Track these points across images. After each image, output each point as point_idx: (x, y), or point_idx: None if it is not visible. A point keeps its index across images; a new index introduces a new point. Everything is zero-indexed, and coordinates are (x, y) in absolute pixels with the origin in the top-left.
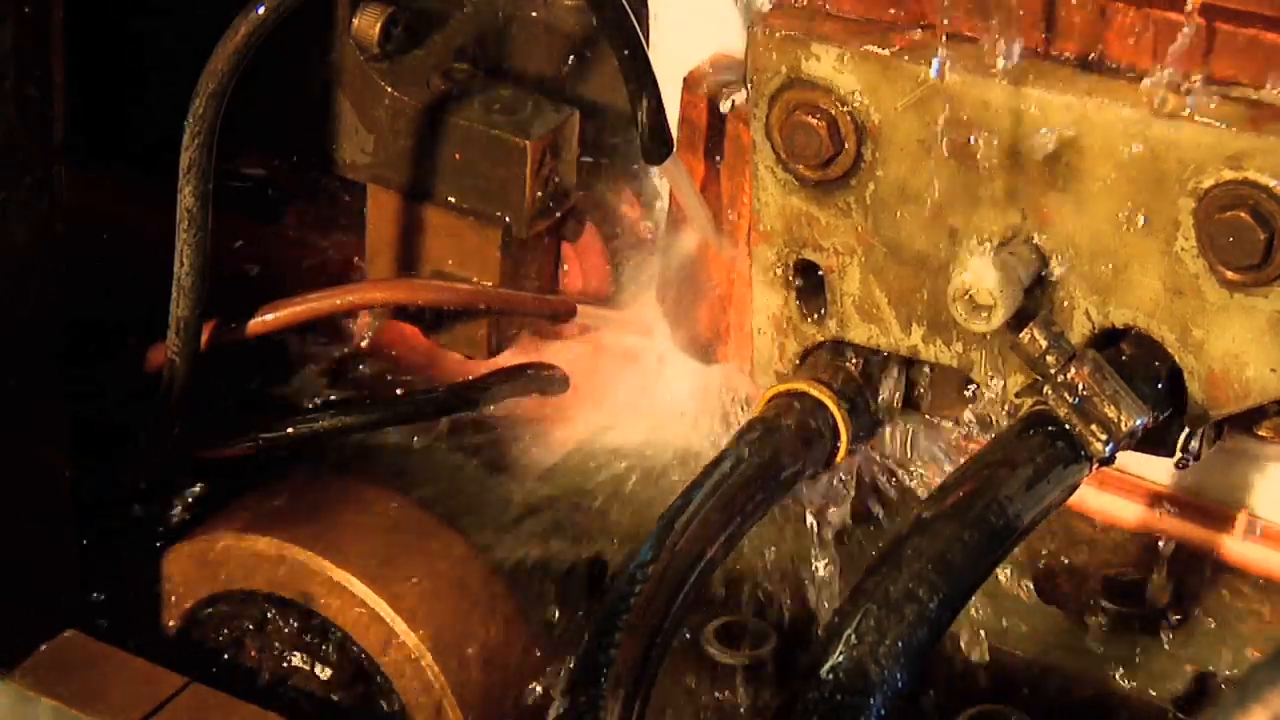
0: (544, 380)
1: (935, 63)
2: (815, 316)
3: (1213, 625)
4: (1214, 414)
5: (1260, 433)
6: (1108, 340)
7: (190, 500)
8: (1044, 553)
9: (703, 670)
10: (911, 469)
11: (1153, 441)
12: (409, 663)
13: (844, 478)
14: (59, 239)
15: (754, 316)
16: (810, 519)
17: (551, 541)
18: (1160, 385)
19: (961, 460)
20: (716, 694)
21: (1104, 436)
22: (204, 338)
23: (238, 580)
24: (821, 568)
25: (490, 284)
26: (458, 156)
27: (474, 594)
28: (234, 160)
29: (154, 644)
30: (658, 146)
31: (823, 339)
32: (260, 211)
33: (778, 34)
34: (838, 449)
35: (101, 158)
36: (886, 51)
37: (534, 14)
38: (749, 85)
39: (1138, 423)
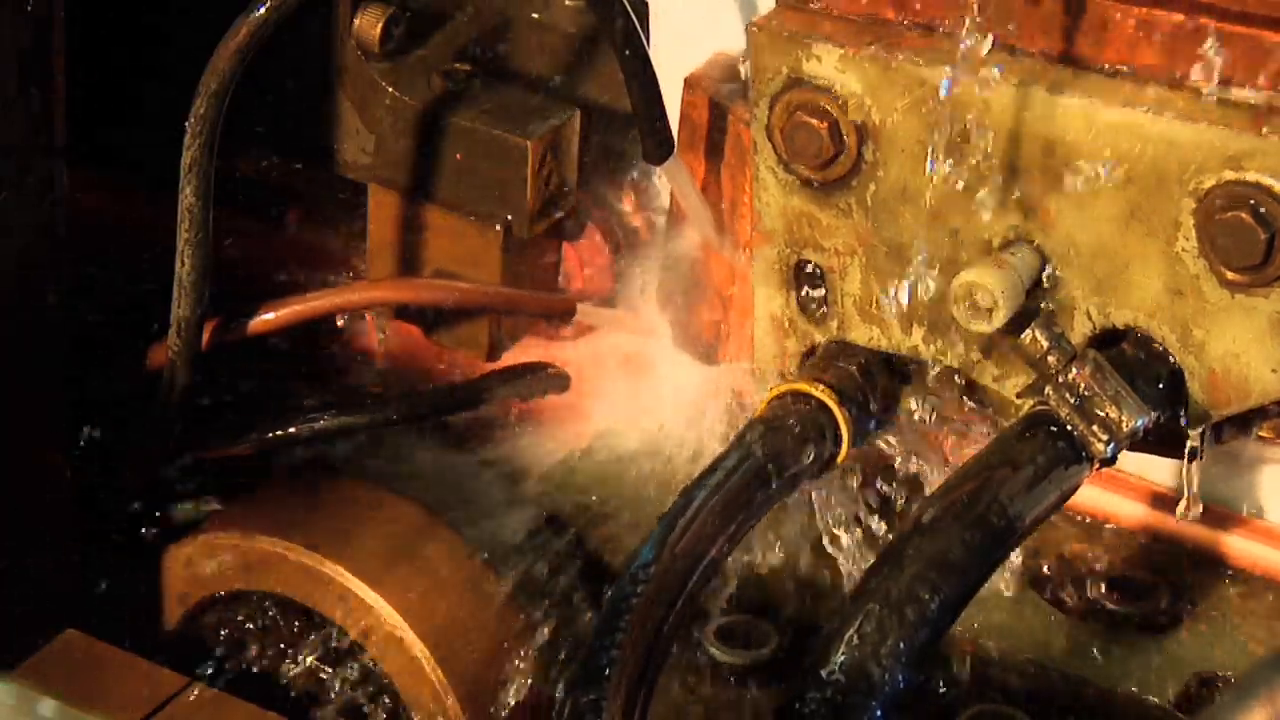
0: (544, 380)
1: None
2: (816, 317)
3: (1213, 625)
4: (1215, 414)
5: (1261, 433)
6: (1108, 341)
7: (190, 500)
8: (1044, 552)
9: (703, 670)
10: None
11: (1153, 443)
12: (409, 662)
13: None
14: (60, 239)
15: (755, 317)
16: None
17: (551, 540)
18: (1161, 386)
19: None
20: (717, 694)
21: (1105, 437)
22: (204, 338)
23: (238, 580)
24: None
25: (491, 284)
26: (458, 156)
27: (474, 593)
28: (235, 160)
29: (154, 644)
30: (658, 146)
31: (824, 339)
32: (261, 211)
33: (779, 34)
34: (839, 449)
35: (103, 157)
36: (888, 52)
37: (534, 14)
38: (750, 86)
39: (1139, 423)
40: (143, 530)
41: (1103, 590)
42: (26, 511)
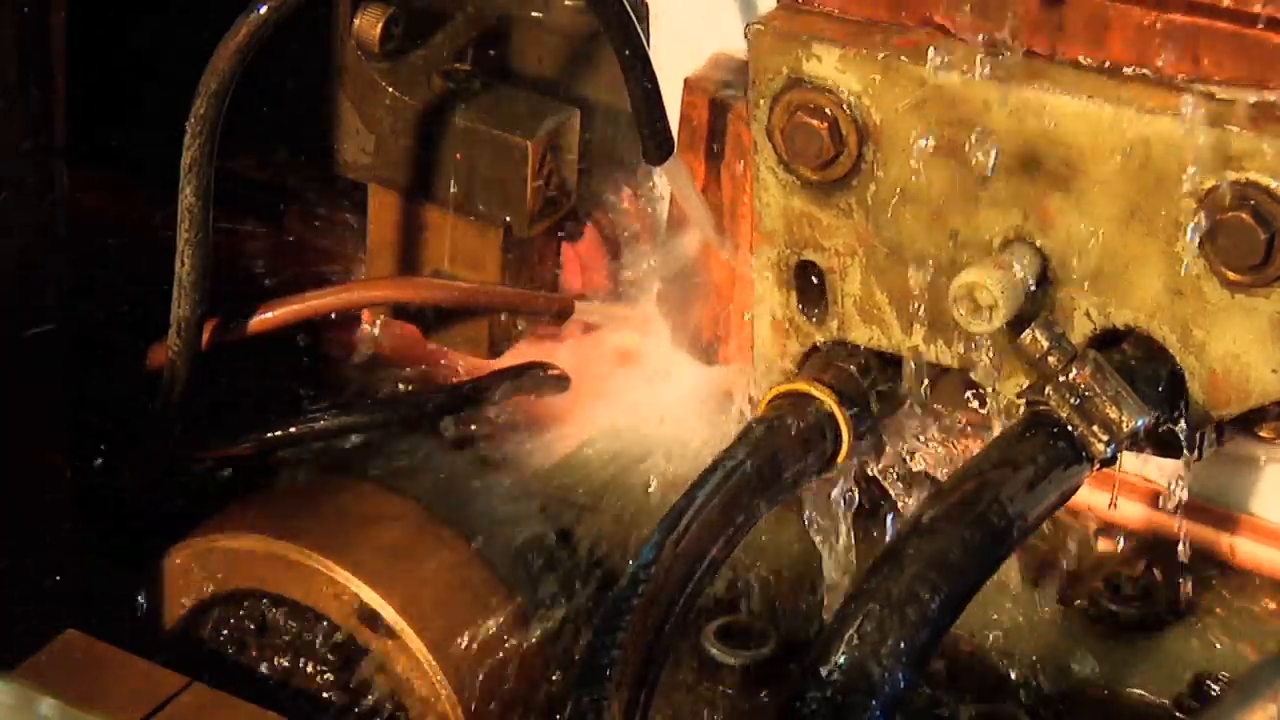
0: (544, 380)
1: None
2: (816, 317)
3: (1213, 625)
4: (1215, 415)
5: (1261, 434)
6: (1109, 341)
7: (190, 500)
8: (1044, 552)
9: (703, 670)
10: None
11: (1153, 442)
12: (409, 662)
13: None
14: (60, 239)
15: (755, 317)
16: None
17: (551, 540)
18: (1161, 386)
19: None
20: (717, 694)
21: (1105, 437)
22: (204, 338)
23: (238, 580)
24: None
25: (491, 284)
26: (458, 156)
27: (475, 593)
28: (235, 159)
29: (154, 644)
30: (658, 147)
31: (824, 339)
32: (261, 211)
33: (779, 34)
34: (839, 449)
35: (103, 157)
36: (888, 52)
37: (534, 14)
38: (750, 86)
39: (1139, 423)
40: (143, 530)
41: (1103, 590)
42: (26, 511)
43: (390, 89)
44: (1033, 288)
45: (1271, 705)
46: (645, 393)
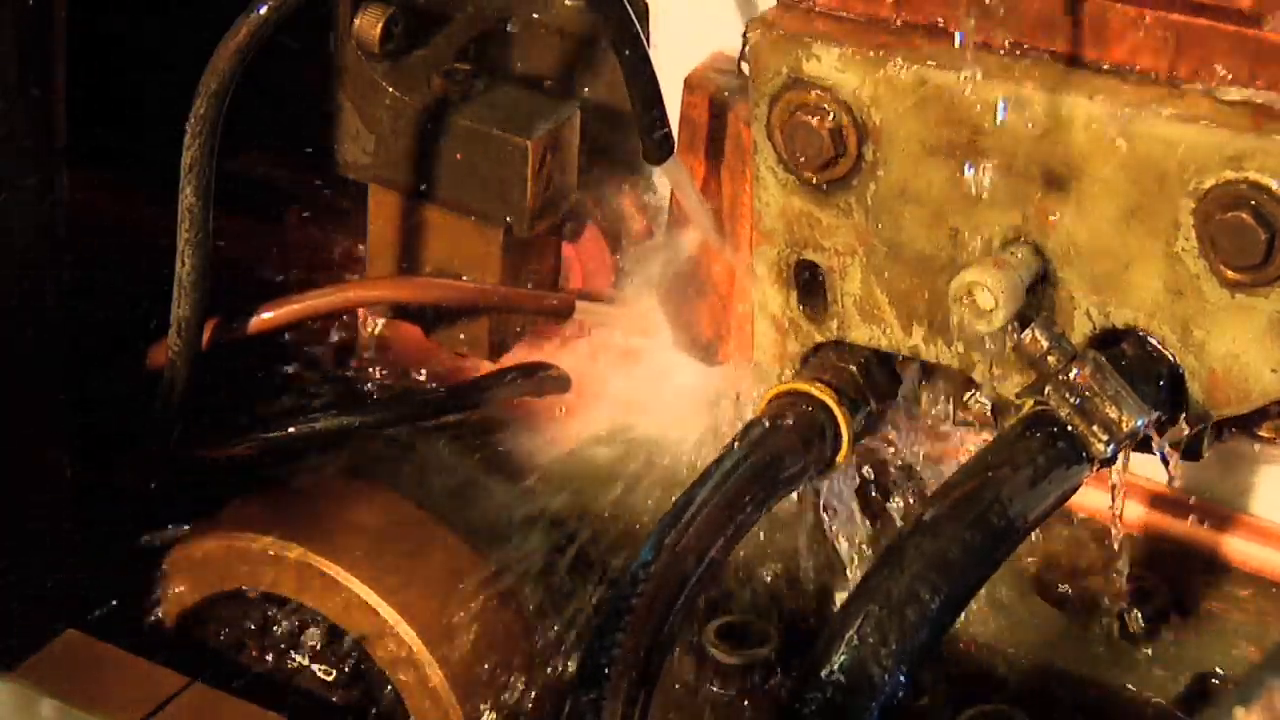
0: (544, 380)
1: None
2: (816, 317)
3: (1213, 625)
4: (1215, 415)
5: (1261, 433)
6: (1109, 341)
7: (190, 500)
8: (1044, 552)
9: (703, 670)
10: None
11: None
12: (408, 662)
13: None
14: (60, 239)
15: (755, 317)
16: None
17: (549, 539)
18: (1161, 386)
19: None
20: (717, 694)
21: (1105, 437)
22: (204, 338)
23: (237, 580)
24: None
25: (491, 284)
26: (458, 156)
27: (473, 593)
28: (235, 160)
29: (154, 644)
30: (658, 146)
31: (824, 339)
32: (261, 211)
33: (778, 34)
34: (839, 449)
35: (103, 157)
36: (887, 52)
37: (534, 14)
38: (750, 86)
39: (1139, 423)
40: (142, 530)
41: (1103, 590)
42: (26, 511)
43: (390, 89)
44: (1033, 288)
45: (1270, 707)
46: (645, 392)
